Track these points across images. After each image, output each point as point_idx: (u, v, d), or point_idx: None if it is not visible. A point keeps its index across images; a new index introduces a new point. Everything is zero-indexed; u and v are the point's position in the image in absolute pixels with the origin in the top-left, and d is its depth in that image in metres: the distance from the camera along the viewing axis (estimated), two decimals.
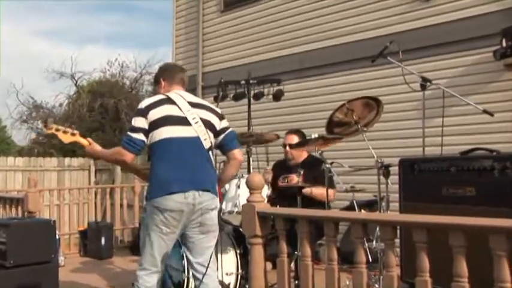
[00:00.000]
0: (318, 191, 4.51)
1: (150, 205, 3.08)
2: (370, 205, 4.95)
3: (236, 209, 4.11)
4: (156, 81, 3.39)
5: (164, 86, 3.32)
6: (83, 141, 3.34)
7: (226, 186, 4.25)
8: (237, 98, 5.38)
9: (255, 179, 3.07)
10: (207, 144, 3.16)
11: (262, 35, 7.90)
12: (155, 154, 3.11)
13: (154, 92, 3.41)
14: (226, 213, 4.19)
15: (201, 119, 3.17)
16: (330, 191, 4.46)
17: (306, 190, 4.41)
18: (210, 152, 3.21)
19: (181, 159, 3.07)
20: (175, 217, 3.02)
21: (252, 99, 5.26)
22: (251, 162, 4.68)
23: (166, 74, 3.35)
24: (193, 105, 3.20)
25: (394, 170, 3.89)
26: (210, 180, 3.14)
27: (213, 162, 3.27)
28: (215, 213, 3.18)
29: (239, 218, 3.90)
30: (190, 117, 3.14)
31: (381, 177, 3.97)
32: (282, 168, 4.97)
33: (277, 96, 5.46)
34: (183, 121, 3.13)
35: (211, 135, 3.21)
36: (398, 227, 2.85)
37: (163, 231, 3.05)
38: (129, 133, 3.12)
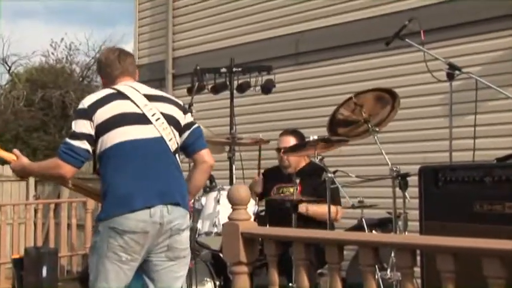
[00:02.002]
0: (318, 210, 4.55)
1: (105, 226, 3.08)
2: (383, 224, 4.92)
3: (215, 229, 4.14)
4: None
5: (106, 84, 3.35)
6: (6, 156, 3.32)
7: (202, 200, 4.29)
8: (216, 90, 5.39)
9: (239, 191, 3.06)
10: (173, 146, 3.19)
11: (248, 11, 7.90)
12: (109, 163, 3.12)
13: None
14: (202, 234, 4.21)
15: (162, 114, 3.20)
16: (334, 209, 4.50)
17: (301, 208, 4.45)
18: (177, 155, 3.25)
19: (143, 167, 3.10)
20: (138, 240, 3.03)
21: (235, 91, 5.28)
22: (234, 171, 4.72)
23: (103, 71, 3.36)
24: (151, 98, 3.23)
25: (414, 180, 3.90)
26: (180, 191, 3.17)
27: (180, 166, 3.29)
28: (187, 234, 3.22)
29: (219, 240, 3.93)
30: (149, 114, 3.16)
31: (397, 189, 4.00)
32: (276, 176, 5.03)
33: (267, 88, 5.47)
34: (141, 119, 3.15)
35: (177, 133, 3.24)
36: (418, 252, 2.88)
37: (122, 259, 3.05)
38: (68, 140, 3.11)
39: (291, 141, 4.95)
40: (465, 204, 3.54)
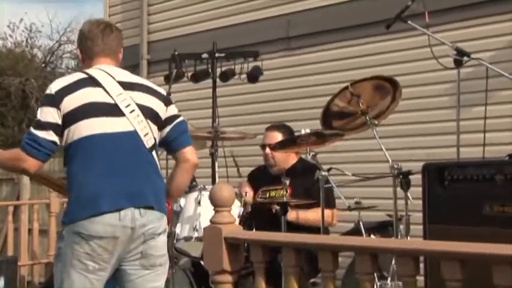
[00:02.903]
0: (310, 217, 4.57)
1: (69, 231, 3.08)
2: (383, 228, 4.95)
3: (196, 234, 4.15)
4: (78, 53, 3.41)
5: (83, 60, 3.33)
6: None
7: (181, 201, 4.29)
8: (197, 78, 5.38)
9: (222, 191, 3.07)
10: (149, 142, 3.19)
11: None
12: (75, 159, 3.12)
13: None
14: (181, 239, 4.23)
15: (138, 105, 3.19)
16: (328, 212, 4.51)
17: (291, 216, 4.47)
18: (154, 152, 3.23)
19: (113, 165, 3.10)
20: (107, 247, 3.03)
21: (218, 79, 5.28)
22: (216, 169, 4.72)
23: (84, 44, 3.33)
24: (126, 86, 3.22)
25: (417, 179, 3.90)
26: (154, 192, 3.17)
27: (159, 165, 3.29)
28: (163, 239, 3.21)
29: (200, 246, 3.93)
30: (123, 104, 3.16)
31: (398, 189, 4.01)
32: (261, 178, 5.04)
33: (254, 76, 5.45)
34: (113, 110, 3.15)
35: (155, 128, 3.23)
36: (421, 259, 2.79)
37: (88, 268, 3.05)
38: (32, 130, 3.11)
39: (277, 137, 4.94)
40: (474, 206, 3.55)
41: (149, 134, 3.19)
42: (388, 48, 6.53)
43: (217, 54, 5.17)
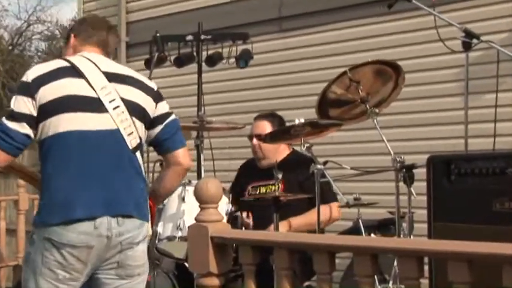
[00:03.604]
0: (304, 222, 4.62)
1: (39, 236, 3.08)
2: (384, 227, 4.97)
3: (179, 233, 4.16)
4: (66, 38, 3.41)
5: (74, 46, 3.33)
6: None
7: None
8: (181, 62, 5.37)
9: (208, 186, 3.05)
10: (132, 142, 3.19)
11: None
12: (49, 158, 3.12)
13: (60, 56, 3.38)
14: (164, 239, 4.24)
15: (123, 100, 3.18)
16: (326, 209, 4.58)
17: (283, 228, 4.50)
18: (138, 154, 3.23)
19: (90, 167, 3.10)
20: (79, 256, 3.04)
21: (204, 64, 5.26)
22: (202, 162, 4.72)
23: (83, 28, 3.34)
24: (112, 77, 3.21)
25: (421, 173, 3.91)
26: (135, 198, 3.17)
27: (142, 165, 3.29)
28: (142, 248, 3.22)
29: (184, 246, 3.94)
30: (107, 99, 3.15)
31: (401, 184, 4.03)
32: (251, 172, 5.06)
33: (243, 60, 5.44)
34: (95, 105, 3.13)
35: (141, 126, 3.22)
36: (426, 260, 2.94)
37: (59, 278, 3.06)
38: (4, 121, 3.10)
39: (266, 127, 4.95)
40: (483, 202, 3.56)
41: (134, 134, 3.18)
42: (390, 30, 6.53)
43: (203, 36, 5.15)
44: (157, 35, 5.10)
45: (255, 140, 4.94)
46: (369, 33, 6.67)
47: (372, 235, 4.73)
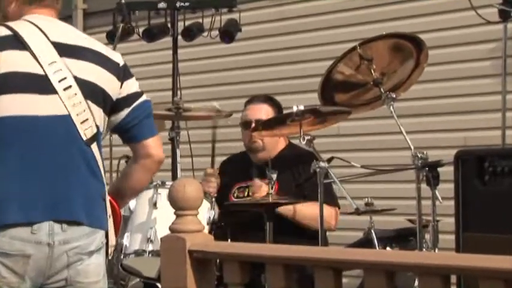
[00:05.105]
0: (307, 210, 4.41)
1: None
2: (402, 238, 4.80)
3: (150, 247, 4.02)
4: None
5: (13, 7, 3.11)
6: None
7: (132, 203, 4.11)
8: (151, 35, 5.18)
9: (185, 189, 2.94)
10: (87, 132, 3.03)
11: None
12: None
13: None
14: (130, 254, 4.10)
15: (76, 80, 3.02)
16: (328, 211, 4.36)
17: (283, 209, 4.35)
18: (95, 145, 3.09)
19: (31, 161, 2.97)
20: (14, 267, 2.90)
21: (180, 37, 5.11)
22: (179, 159, 4.58)
23: None
24: (64, 50, 3.06)
25: (448, 173, 3.82)
26: (86, 201, 3.03)
27: (101, 161, 3.14)
28: (97, 261, 3.07)
29: (155, 263, 3.81)
30: (56, 78, 3.00)
31: (423, 186, 3.92)
32: (239, 168, 4.88)
33: (229, 33, 5.27)
34: (40, 85, 2.98)
35: (98, 112, 3.08)
36: (453, 279, 2.79)
37: None
38: None
39: (267, 111, 4.73)
40: None
41: (89, 121, 3.01)
42: None
43: (178, 4, 4.95)
44: (123, 1, 4.88)
45: (253, 126, 4.72)
46: (383, 0, 6.40)
47: (388, 248, 4.59)
